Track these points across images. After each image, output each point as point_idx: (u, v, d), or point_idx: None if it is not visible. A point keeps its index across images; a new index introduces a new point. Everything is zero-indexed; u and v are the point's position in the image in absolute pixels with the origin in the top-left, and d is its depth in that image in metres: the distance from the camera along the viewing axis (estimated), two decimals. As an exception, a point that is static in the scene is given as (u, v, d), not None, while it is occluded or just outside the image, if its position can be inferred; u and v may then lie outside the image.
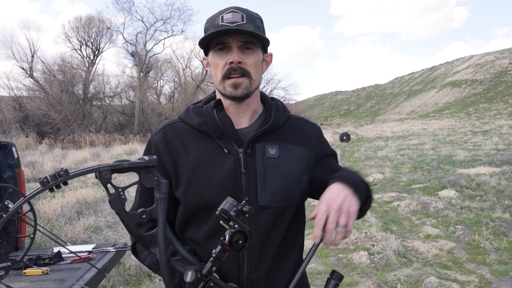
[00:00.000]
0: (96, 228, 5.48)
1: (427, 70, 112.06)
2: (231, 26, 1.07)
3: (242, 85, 1.11)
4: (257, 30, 1.11)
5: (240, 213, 0.92)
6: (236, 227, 0.90)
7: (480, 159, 10.77)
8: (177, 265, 0.98)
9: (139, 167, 0.86)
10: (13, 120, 24.90)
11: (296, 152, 1.19)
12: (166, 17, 36.03)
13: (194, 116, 1.19)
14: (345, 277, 3.94)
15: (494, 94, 62.56)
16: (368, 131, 30.71)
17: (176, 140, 1.19)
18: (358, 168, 11.57)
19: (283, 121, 1.22)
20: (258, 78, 1.16)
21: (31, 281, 2.32)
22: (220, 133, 1.15)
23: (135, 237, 0.92)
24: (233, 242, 0.90)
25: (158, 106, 33.96)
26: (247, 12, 1.13)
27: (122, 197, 0.86)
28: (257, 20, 1.14)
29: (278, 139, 1.19)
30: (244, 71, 1.11)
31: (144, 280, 3.89)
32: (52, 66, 30.21)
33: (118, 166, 0.83)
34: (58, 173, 0.77)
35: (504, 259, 4.27)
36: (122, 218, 0.88)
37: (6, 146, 3.38)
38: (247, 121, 1.20)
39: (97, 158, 14.38)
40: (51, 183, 0.76)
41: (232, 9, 1.12)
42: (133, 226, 0.90)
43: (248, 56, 1.11)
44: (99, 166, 0.81)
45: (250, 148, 1.15)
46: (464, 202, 6.49)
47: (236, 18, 1.09)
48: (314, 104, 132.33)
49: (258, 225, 1.12)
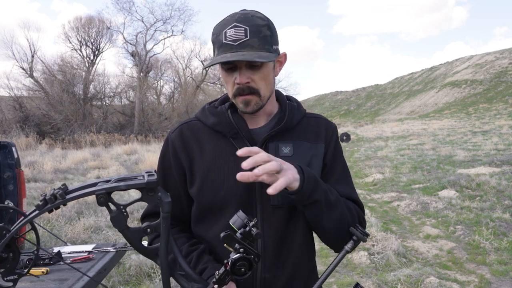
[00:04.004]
0: (96, 228, 5.48)
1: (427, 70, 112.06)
2: (234, 44, 1.04)
3: (251, 102, 1.11)
4: (264, 42, 1.06)
5: (247, 235, 0.88)
6: (241, 251, 0.87)
7: (480, 159, 10.77)
8: (181, 280, 0.96)
9: (139, 188, 0.83)
10: (13, 120, 24.88)
11: (310, 149, 1.18)
12: (166, 17, 36.06)
13: (210, 115, 1.20)
14: (345, 277, 3.94)
15: (494, 94, 62.54)
16: (368, 131, 30.70)
17: (192, 139, 1.20)
18: (358, 168, 11.58)
19: (297, 121, 1.21)
20: (269, 89, 1.15)
21: (31, 281, 2.32)
22: (234, 133, 1.16)
23: (139, 252, 0.91)
24: (235, 268, 0.87)
25: (158, 106, 33.93)
26: (252, 22, 1.06)
27: (124, 213, 0.84)
28: (263, 28, 1.07)
29: (292, 137, 1.18)
30: (253, 90, 1.10)
31: (144, 280, 3.89)
32: (52, 66, 30.23)
33: (114, 189, 0.81)
34: (55, 194, 0.77)
35: (504, 259, 4.27)
36: (125, 235, 0.86)
37: (6, 146, 3.37)
38: (262, 121, 1.21)
39: (97, 158, 14.37)
40: (48, 206, 0.77)
41: (235, 23, 1.05)
42: (137, 242, 0.88)
43: (256, 72, 1.08)
44: (95, 190, 0.80)
45: (264, 148, 1.15)
46: (464, 202, 6.49)
47: (239, 34, 1.04)
48: (314, 104, 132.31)
49: (271, 224, 1.13)
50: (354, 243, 1.05)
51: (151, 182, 0.82)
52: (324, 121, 1.27)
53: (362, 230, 1.04)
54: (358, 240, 1.04)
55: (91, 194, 0.80)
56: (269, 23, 1.10)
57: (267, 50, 1.07)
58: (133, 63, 35.22)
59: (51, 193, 0.78)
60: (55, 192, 0.78)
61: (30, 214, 0.79)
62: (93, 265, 2.56)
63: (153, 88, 36.14)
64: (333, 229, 1.10)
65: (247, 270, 0.88)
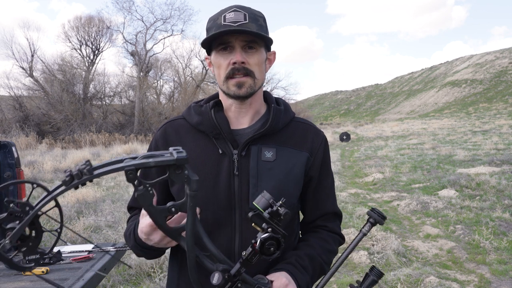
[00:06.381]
0: (96, 227, 5.48)
1: (427, 70, 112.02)
2: (234, 26, 1.07)
3: (245, 84, 1.11)
4: (260, 29, 1.10)
5: (275, 215, 0.87)
6: (269, 230, 0.87)
7: (480, 158, 10.77)
8: (206, 261, 0.93)
9: (167, 165, 0.80)
10: (13, 120, 24.87)
11: (294, 156, 1.18)
12: (166, 17, 36.18)
13: (194, 114, 1.20)
14: (344, 277, 3.94)
15: (494, 93, 62.53)
16: (368, 131, 30.70)
17: (175, 137, 1.20)
18: (358, 167, 11.58)
19: (284, 124, 1.20)
20: (261, 77, 1.16)
21: (31, 281, 2.33)
22: (216, 133, 1.15)
23: (162, 231, 0.90)
24: (264, 247, 0.87)
25: (158, 105, 33.92)
26: (250, 11, 1.12)
27: (150, 191, 0.82)
28: (260, 18, 1.13)
29: (276, 142, 1.17)
30: (248, 71, 1.10)
31: (144, 279, 3.89)
32: (52, 66, 30.22)
33: (143, 165, 0.78)
34: (82, 170, 0.73)
35: (504, 259, 4.28)
36: (150, 212, 0.84)
37: (6, 145, 3.37)
38: (247, 121, 1.19)
39: (97, 157, 14.38)
40: (75, 182, 0.73)
41: (235, 8, 1.10)
42: (162, 221, 0.86)
43: (251, 56, 1.11)
44: (124, 166, 0.77)
45: (246, 150, 1.14)
46: (464, 201, 6.49)
47: (238, 17, 1.08)
48: (314, 104, 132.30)
49: (249, 229, 1.10)
50: (371, 225, 1.05)
51: (181, 159, 0.79)
52: (313, 130, 1.25)
53: (379, 213, 1.04)
54: (375, 222, 1.04)
55: (120, 170, 0.77)
56: (264, 18, 1.16)
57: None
58: (133, 63, 35.29)
59: (77, 168, 0.74)
60: (81, 167, 0.74)
61: (55, 190, 0.75)
62: (93, 264, 2.57)
63: (153, 88, 36.14)
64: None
65: (276, 249, 0.87)
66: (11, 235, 0.73)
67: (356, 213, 6.10)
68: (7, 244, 0.73)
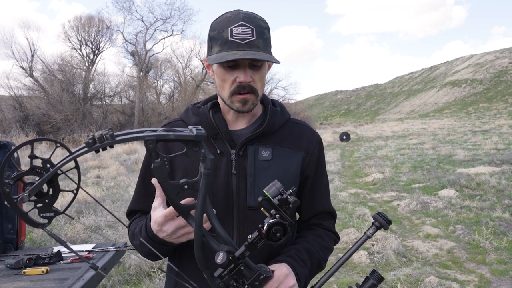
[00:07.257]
0: (96, 227, 5.48)
1: (427, 70, 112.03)
2: (242, 43, 1.06)
3: (249, 101, 1.13)
4: (266, 44, 1.10)
5: (284, 202, 0.89)
6: (277, 217, 0.89)
7: (480, 158, 10.77)
8: (211, 241, 0.94)
9: (186, 140, 0.83)
10: (13, 120, 24.85)
11: (290, 156, 1.20)
12: (166, 17, 36.16)
13: (192, 115, 1.22)
14: (344, 277, 3.94)
15: (494, 93, 62.54)
16: (368, 131, 30.70)
17: None
18: (358, 167, 11.58)
19: (280, 125, 1.23)
20: (262, 90, 1.18)
21: (31, 281, 2.32)
22: (214, 134, 1.18)
23: (173, 206, 0.92)
24: (270, 232, 0.88)
25: (158, 105, 33.92)
26: (256, 23, 1.09)
27: (166, 166, 0.84)
28: (265, 31, 1.11)
29: (273, 142, 1.20)
30: (252, 89, 1.12)
31: (144, 279, 3.89)
32: (52, 66, 30.18)
33: (164, 137, 0.81)
34: (105, 135, 0.76)
35: (503, 259, 4.28)
36: (164, 187, 0.86)
37: (6, 145, 3.37)
38: (244, 122, 1.22)
39: (97, 157, 14.37)
40: (97, 145, 0.76)
41: (242, 22, 1.07)
42: (174, 196, 0.89)
43: (256, 72, 1.12)
44: (145, 135, 0.80)
45: (243, 150, 1.17)
46: (464, 201, 6.49)
47: (246, 33, 1.06)
48: (314, 104, 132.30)
49: (247, 226, 1.13)
50: (376, 229, 1.05)
51: (201, 135, 0.82)
52: (308, 130, 1.28)
53: (385, 217, 1.05)
54: (380, 226, 1.05)
55: (141, 139, 0.79)
56: (268, 26, 1.15)
57: (269, 52, 1.12)
58: (133, 63, 35.27)
59: (99, 133, 0.76)
60: (103, 133, 0.76)
61: (77, 151, 0.77)
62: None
63: (153, 88, 36.14)
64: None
65: (282, 235, 0.88)
66: (30, 189, 0.77)
67: (356, 213, 6.10)
68: (26, 197, 0.76)
